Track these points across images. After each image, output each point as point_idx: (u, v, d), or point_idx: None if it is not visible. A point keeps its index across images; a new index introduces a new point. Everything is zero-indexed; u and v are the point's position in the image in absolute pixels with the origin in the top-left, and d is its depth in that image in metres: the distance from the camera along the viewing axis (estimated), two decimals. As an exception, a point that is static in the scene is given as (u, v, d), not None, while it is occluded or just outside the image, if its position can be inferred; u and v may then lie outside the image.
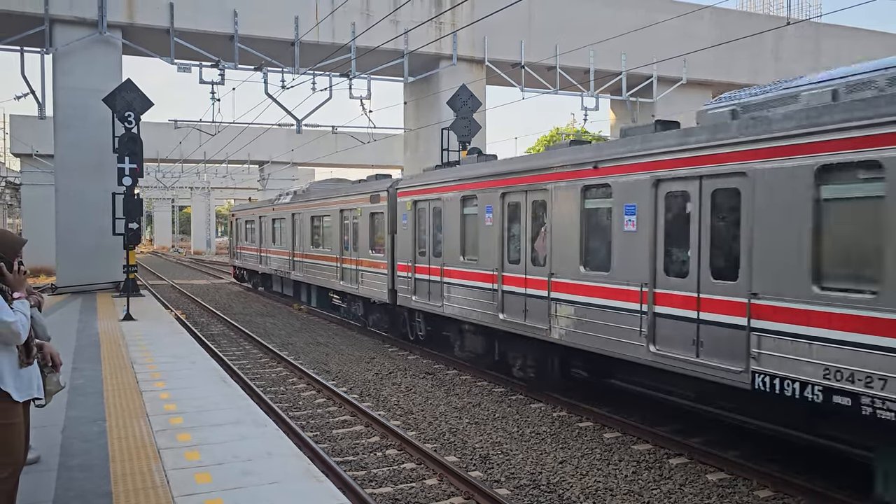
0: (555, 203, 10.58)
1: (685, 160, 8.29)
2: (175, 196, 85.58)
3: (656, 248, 8.80)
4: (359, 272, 18.33)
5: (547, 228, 10.78)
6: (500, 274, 11.92)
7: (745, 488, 7.65)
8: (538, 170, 11.09)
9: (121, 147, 18.76)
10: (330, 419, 10.55)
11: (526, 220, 11.34)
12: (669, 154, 8.52)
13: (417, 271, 14.95)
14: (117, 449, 6.83)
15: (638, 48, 27.42)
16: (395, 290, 16.08)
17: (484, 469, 8.32)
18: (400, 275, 15.78)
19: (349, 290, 19.10)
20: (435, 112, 26.25)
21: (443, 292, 13.81)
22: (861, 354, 6.42)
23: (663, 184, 8.64)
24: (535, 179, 11.13)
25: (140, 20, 22.61)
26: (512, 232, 11.86)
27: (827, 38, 32.68)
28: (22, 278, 4.73)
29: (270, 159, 51.04)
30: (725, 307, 7.83)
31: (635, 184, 9.01)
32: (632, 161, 9.11)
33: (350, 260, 19.04)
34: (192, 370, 10.75)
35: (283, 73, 24.46)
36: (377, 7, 24.73)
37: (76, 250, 22.21)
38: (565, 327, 10.34)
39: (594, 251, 9.99)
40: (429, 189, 14.52)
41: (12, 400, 4.61)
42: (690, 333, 8.26)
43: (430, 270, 14.45)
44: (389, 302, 16.39)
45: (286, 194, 26.30)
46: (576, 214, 10.14)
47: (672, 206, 8.64)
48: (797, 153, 7.00)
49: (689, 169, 8.23)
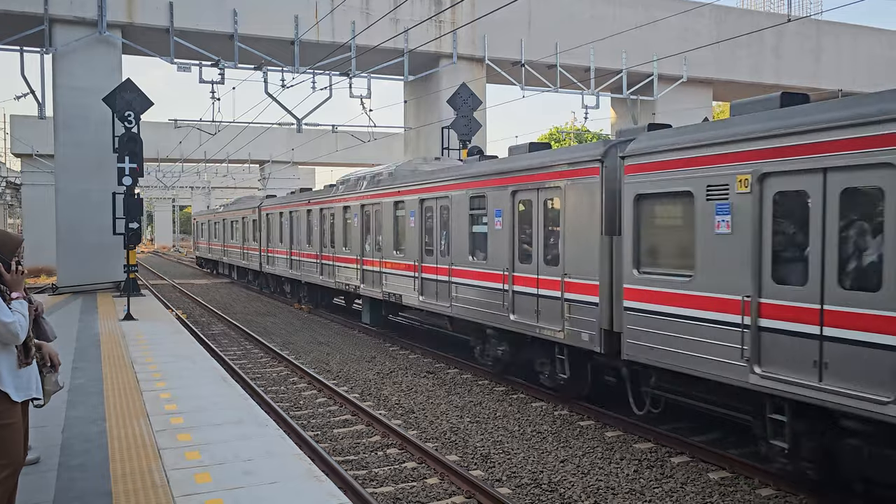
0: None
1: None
2: (175, 196, 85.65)
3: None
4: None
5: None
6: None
7: (746, 487, 7.64)
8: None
9: (121, 147, 18.76)
10: (331, 419, 10.54)
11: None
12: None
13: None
14: (117, 449, 6.81)
15: (638, 46, 27.41)
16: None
17: (485, 468, 8.30)
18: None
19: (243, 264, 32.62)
20: (435, 111, 26.24)
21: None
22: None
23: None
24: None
25: (140, 20, 22.60)
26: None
27: (827, 36, 32.64)
28: (20, 278, 4.71)
29: (271, 158, 51.02)
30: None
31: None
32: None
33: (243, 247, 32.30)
34: (193, 370, 10.73)
35: (283, 73, 24.46)
36: (377, 6, 24.70)
37: (77, 250, 22.20)
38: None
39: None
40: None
41: (11, 400, 4.60)
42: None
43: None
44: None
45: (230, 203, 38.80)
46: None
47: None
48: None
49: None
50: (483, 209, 12.48)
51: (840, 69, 32.35)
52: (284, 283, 26.56)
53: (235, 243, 34.06)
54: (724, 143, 7.72)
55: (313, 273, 21.91)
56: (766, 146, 7.22)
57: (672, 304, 8.40)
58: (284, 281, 26.47)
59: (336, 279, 19.96)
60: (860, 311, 6.32)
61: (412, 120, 29.06)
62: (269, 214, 27.81)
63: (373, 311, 18.42)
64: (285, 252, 25.16)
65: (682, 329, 8.23)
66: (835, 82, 30.18)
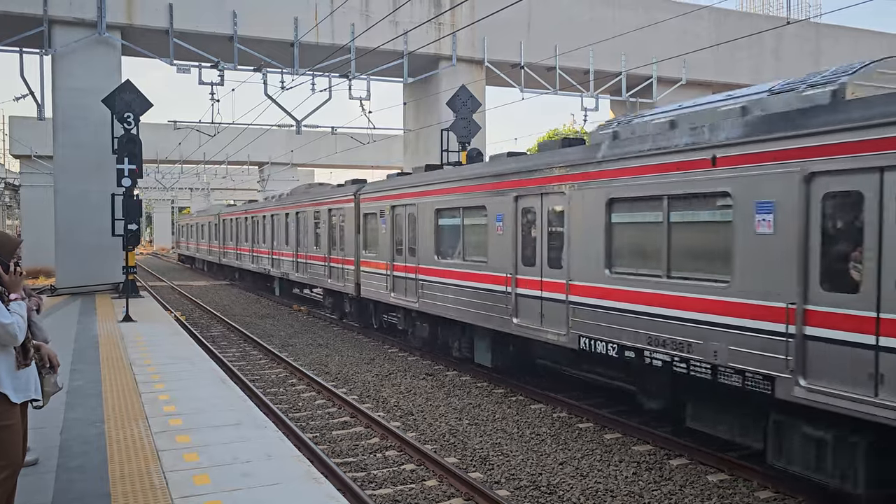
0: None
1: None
2: (175, 197, 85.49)
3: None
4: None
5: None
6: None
7: (745, 489, 7.63)
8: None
9: (120, 148, 18.74)
10: (330, 420, 10.53)
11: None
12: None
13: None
14: (116, 451, 6.81)
15: (638, 48, 27.43)
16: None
17: (484, 470, 8.29)
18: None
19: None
20: (435, 113, 26.24)
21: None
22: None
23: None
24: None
25: (139, 21, 22.59)
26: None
27: (827, 39, 32.69)
28: (18, 279, 4.71)
29: (270, 160, 51.00)
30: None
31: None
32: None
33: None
34: (192, 372, 10.72)
35: (282, 74, 24.45)
36: (376, 8, 24.71)
37: (75, 251, 22.18)
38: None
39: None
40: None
41: (9, 401, 4.59)
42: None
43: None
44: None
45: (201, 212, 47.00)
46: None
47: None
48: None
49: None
50: (318, 219, 21.44)
51: (839, 72, 32.33)
52: (235, 271, 35.89)
53: (203, 243, 43.77)
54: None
55: (247, 262, 31.57)
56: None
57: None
58: (235, 270, 35.75)
59: (258, 265, 29.56)
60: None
61: (411, 122, 29.07)
62: (226, 220, 36.32)
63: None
64: (233, 248, 34.46)
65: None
66: (834, 85, 30.16)
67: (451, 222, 13.59)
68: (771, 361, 6.95)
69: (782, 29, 28.64)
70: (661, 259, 8.43)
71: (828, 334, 6.50)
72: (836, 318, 6.43)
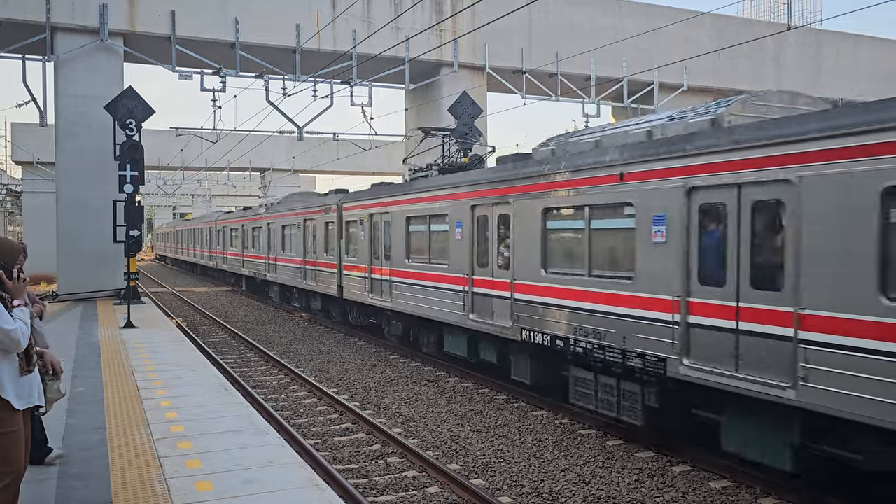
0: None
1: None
2: (176, 203, 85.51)
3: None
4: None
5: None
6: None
7: (748, 496, 7.61)
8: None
9: (122, 154, 18.79)
10: (331, 427, 10.52)
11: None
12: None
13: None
14: (118, 457, 6.80)
15: (639, 55, 27.47)
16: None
17: (486, 477, 8.28)
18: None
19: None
20: (436, 119, 26.25)
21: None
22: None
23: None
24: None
25: (141, 28, 22.64)
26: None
27: (827, 45, 32.73)
28: (22, 286, 4.71)
29: (272, 166, 51.05)
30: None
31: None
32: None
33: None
34: (194, 378, 10.72)
35: (284, 81, 24.49)
36: (378, 14, 24.77)
37: (77, 258, 22.18)
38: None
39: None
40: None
41: (12, 408, 4.59)
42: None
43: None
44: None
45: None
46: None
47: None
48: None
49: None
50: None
51: (840, 78, 32.42)
52: (214, 272, 40.25)
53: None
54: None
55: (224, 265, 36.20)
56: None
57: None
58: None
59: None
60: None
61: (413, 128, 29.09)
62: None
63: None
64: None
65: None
66: (835, 91, 30.23)
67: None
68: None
69: (783, 35, 28.68)
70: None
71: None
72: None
